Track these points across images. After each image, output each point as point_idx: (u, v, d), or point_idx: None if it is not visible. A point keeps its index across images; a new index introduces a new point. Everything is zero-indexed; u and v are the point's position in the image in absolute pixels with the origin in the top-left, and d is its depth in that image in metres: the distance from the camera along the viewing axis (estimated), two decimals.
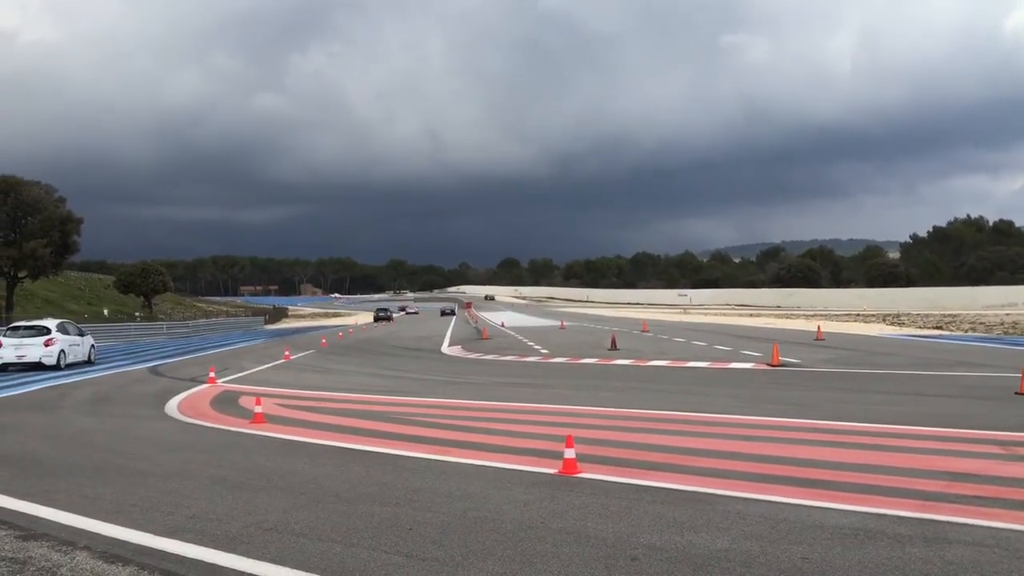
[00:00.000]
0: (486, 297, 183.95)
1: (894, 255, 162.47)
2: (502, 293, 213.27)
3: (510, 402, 14.42)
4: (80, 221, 55.85)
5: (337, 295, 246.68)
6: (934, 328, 42.35)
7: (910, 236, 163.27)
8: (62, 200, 55.68)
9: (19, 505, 7.05)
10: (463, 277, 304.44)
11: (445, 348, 33.54)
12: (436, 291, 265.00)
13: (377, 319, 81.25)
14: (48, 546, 5.75)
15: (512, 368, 23.15)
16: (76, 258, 62.22)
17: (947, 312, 69.28)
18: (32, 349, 24.69)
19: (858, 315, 68.87)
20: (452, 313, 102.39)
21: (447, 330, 52.51)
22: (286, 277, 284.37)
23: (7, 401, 16.56)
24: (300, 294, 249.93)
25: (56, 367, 24.76)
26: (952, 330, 39.95)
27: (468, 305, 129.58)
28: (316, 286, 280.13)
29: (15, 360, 24.62)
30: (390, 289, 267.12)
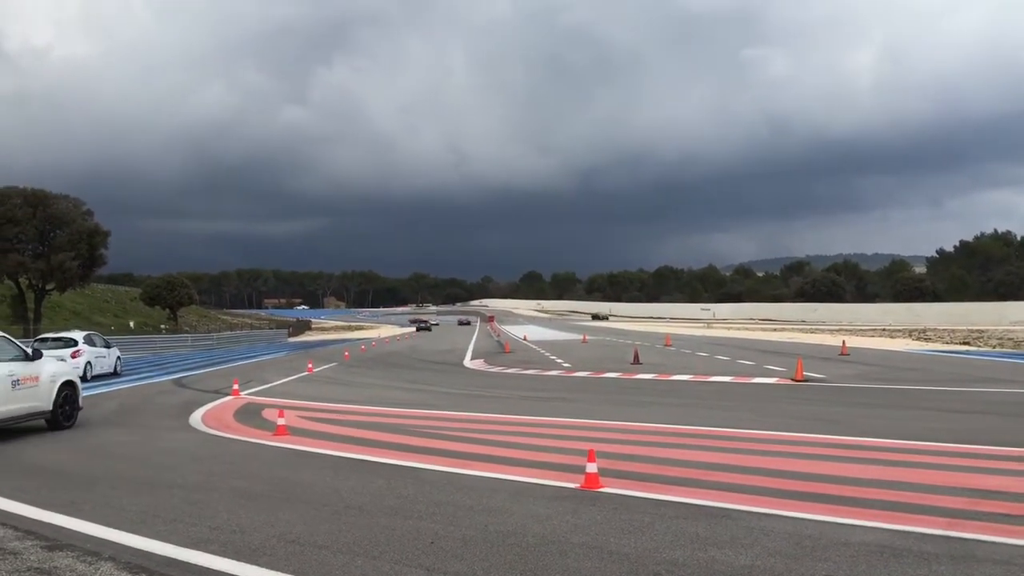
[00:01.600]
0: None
1: (920, 270, 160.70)
2: (523, 307, 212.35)
3: (532, 416, 14.37)
4: (107, 234, 56.43)
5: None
6: (961, 343, 41.81)
7: (936, 251, 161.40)
8: (90, 213, 56.32)
9: (45, 516, 7.12)
10: (485, 291, 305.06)
11: (467, 362, 33.56)
12: (459, 304, 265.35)
13: (419, 329, 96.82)
14: (73, 556, 5.80)
15: (534, 382, 23.12)
16: (103, 271, 62.91)
17: (974, 327, 68.34)
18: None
19: (884, 330, 68.14)
20: (468, 324, 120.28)
21: (469, 344, 52.57)
22: (309, 290, 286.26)
23: None
24: (322, 307, 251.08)
25: (83, 379, 24.94)
26: (979, 346, 39.42)
27: (491, 319, 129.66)
28: (340, 299, 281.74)
29: None
30: (413, 302, 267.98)
